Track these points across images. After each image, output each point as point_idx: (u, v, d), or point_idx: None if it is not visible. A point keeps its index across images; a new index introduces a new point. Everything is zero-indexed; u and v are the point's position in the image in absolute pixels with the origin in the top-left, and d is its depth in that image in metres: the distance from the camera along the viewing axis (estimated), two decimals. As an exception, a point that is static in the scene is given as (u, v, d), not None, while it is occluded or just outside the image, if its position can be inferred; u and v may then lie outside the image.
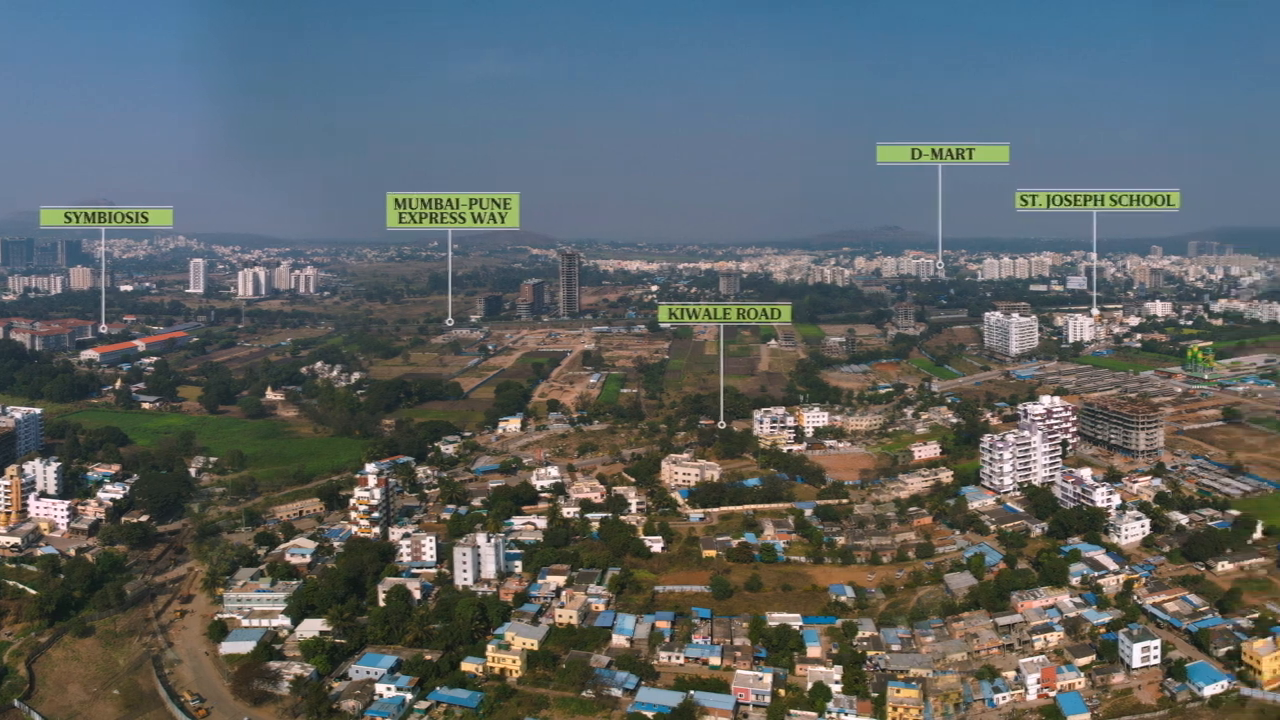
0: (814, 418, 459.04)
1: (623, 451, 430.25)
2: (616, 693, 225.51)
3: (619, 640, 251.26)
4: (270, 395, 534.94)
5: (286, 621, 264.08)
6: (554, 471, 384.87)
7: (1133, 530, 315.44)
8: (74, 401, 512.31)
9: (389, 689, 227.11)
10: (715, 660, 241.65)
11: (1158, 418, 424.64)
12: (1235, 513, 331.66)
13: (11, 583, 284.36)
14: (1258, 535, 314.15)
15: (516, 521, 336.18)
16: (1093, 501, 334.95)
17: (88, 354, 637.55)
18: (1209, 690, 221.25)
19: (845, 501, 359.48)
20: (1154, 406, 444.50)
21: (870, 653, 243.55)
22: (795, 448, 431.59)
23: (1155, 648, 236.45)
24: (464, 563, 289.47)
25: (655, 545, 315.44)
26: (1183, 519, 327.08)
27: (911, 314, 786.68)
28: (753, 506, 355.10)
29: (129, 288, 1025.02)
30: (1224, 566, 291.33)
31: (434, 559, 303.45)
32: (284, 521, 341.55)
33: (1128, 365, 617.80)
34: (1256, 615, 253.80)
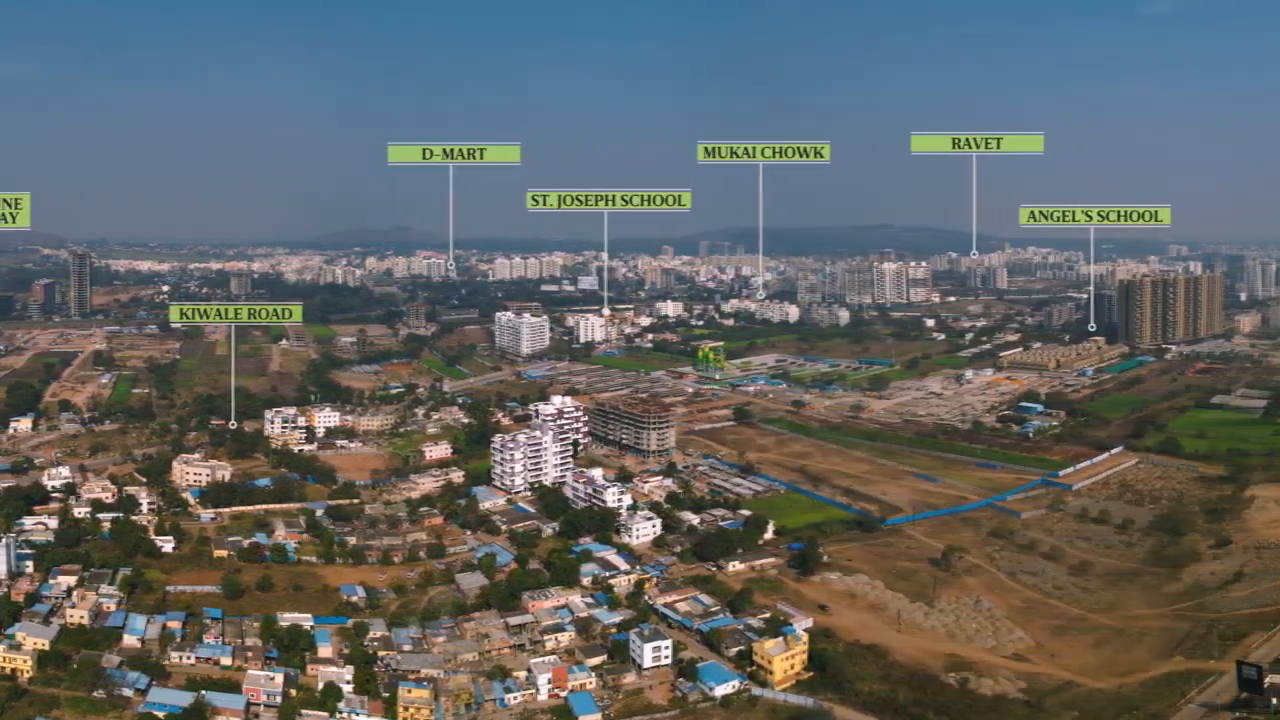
0: (325, 418, 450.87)
1: (134, 451, 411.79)
2: (128, 692, 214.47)
3: (130, 640, 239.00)
4: None
5: None
6: (65, 471, 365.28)
7: (644, 530, 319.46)
8: None
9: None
10: (227, 660, 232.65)
11: (669, 418, 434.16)
12: (746, 513, 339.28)
13: None
14: (768, 535, 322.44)
15: (28, 521, 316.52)
16: (604, 502, 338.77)
17: None
18: (720, 690, 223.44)
19: (357, 501, 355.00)
20: (665, 406, 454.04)
21: (382, 653, 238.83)
22: (307, 448, 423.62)
23: (666, 648, 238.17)
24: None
25: (166, 545, 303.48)
26: (694, 519, 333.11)
27: (423, 314, 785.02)
28: (264, 506, 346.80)
29: None
30: (735, 567, 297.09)
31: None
32: None
33: (639, 365, 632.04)
34: (767, 615, 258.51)
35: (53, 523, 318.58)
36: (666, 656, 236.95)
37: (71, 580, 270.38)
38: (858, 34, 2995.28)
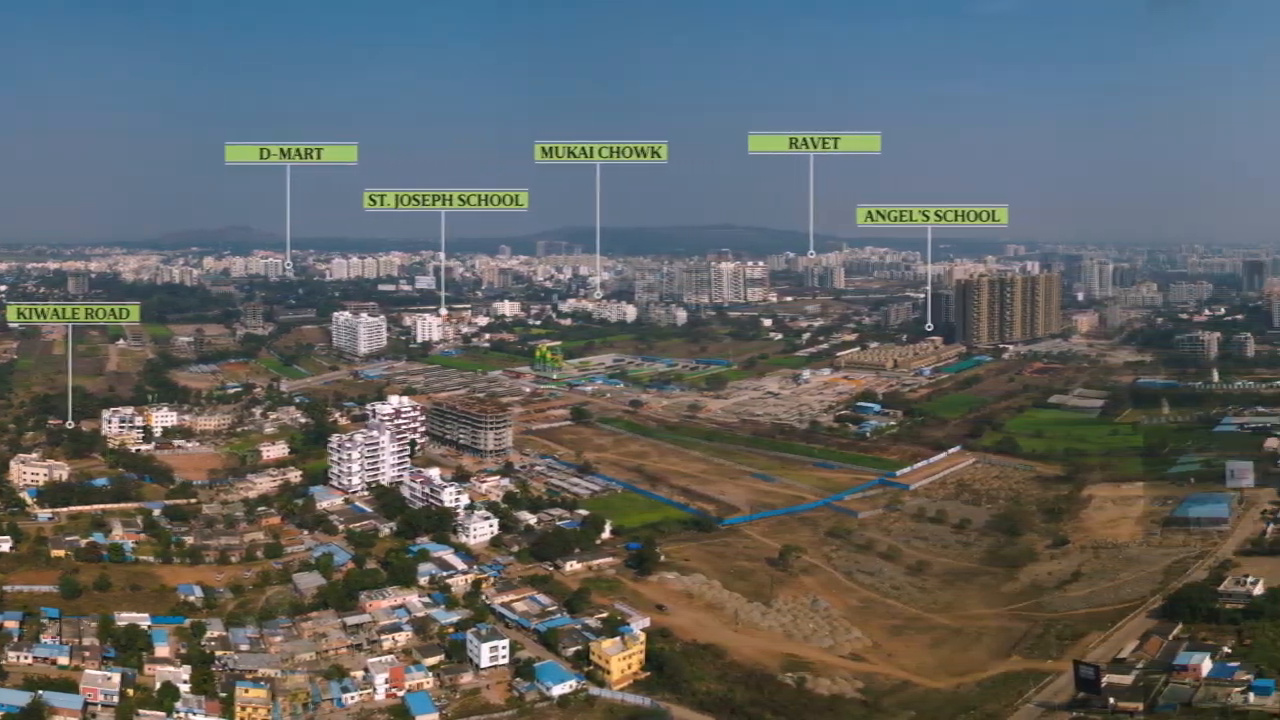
0: (163, 417, 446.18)
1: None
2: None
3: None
4: None
5: None
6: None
7: (481, 530, 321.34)
8: None
9: None
10: (64, 660, 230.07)
11: (506, 417, 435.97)
12: (584, 512, 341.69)
13: None
14: (606, 535, 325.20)
15: None
16: (441, 501, 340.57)
17: None
18: (557, 690, 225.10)
19: (194, 501, 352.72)
20: (503, 406, 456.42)
21: (219, 652, 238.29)
22: (144, 447, 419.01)
23: (504, 647, 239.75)
24: None
25: (4, 545, 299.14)
26: (531, 519, 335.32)
27: (260, 314, 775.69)
28: (102, 506, 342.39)
29: None
30: (573, 566, 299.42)
31: None
32: None
33: (477, 365, 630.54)
34: (605, 615, 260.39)
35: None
36: (504, 656, 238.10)
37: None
38: (697, 35, 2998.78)
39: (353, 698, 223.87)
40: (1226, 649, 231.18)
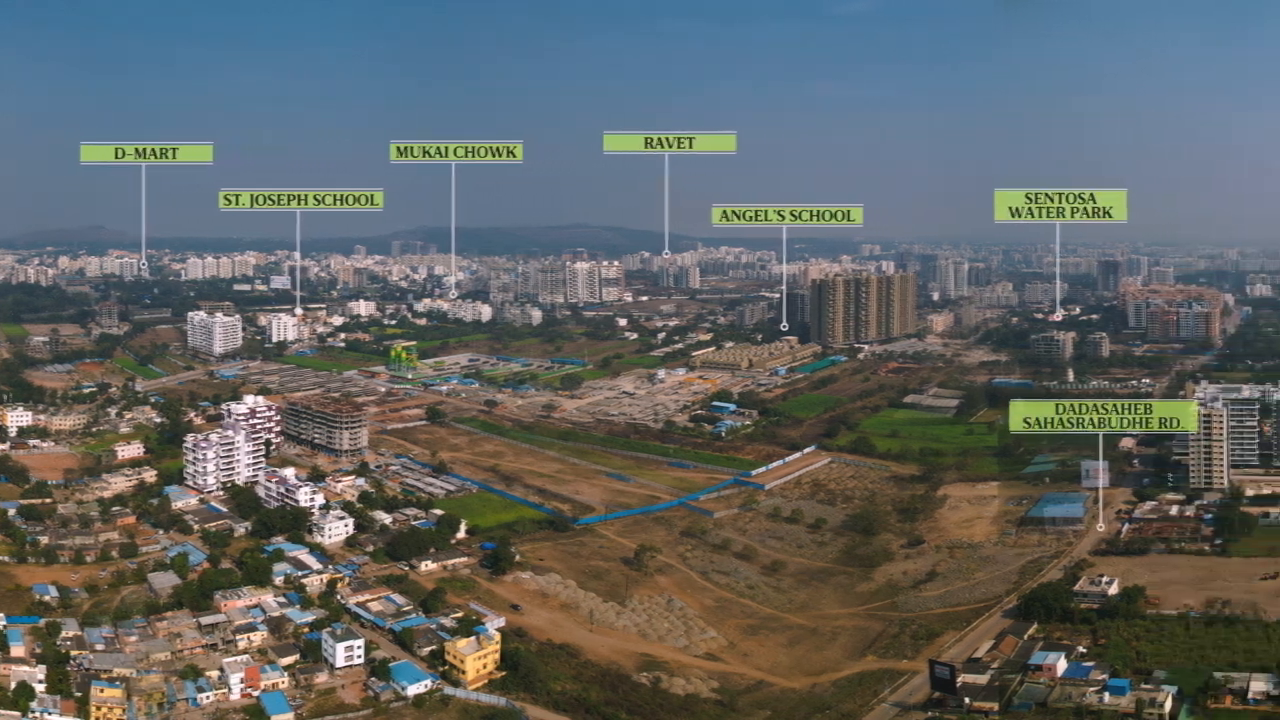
0: (18, 417, 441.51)
1: None
2: None
3: None
4: None
5: None
6: None
7: (336, 530, 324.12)
8: None
9: None
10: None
11: (361, 417, 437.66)
12: (439, 512, 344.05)
13: None
14: (461, 535, 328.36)
15: None
16: (296, 501, 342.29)
17: None
18: (413, 690, 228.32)
19: (49, 501, 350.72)
20: (358, 406, 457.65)
21: (74, 652, 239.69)
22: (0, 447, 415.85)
23: (359, 647, 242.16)
24: None
25: None
26: (387, 519, 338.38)
27: (115, 313, 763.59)
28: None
29: None
30: (428, 566, 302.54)
31: None
32: None
33: (332, 365, 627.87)
34: (460, 615, 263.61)
35: None
36: (359, 656, 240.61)
37: None
38: (554, 34, 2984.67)
39: (208, 697, 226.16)
40: (1081, 649, 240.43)
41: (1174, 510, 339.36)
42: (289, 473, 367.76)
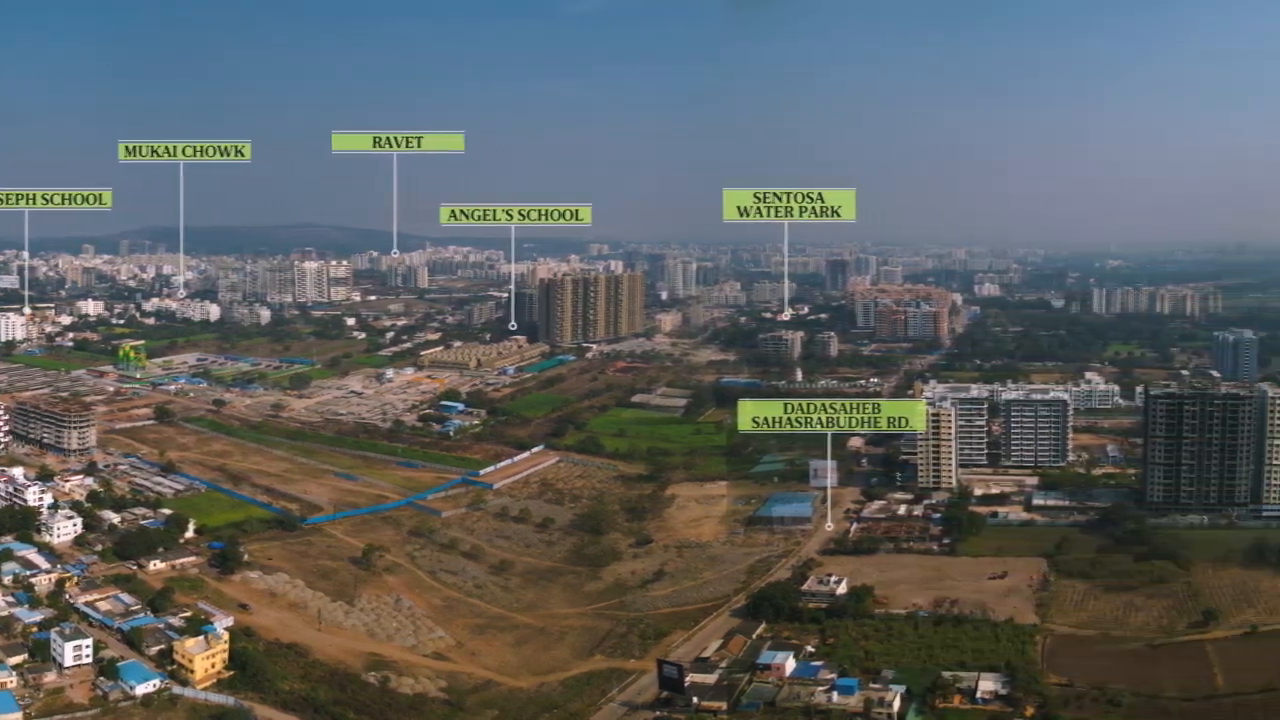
0: None
1: None
2: None
3: None
4: None
5: None
6: None
7: (65, 529, 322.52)
8: None
9: None
10: None
11: (90, 416, 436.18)
12: (168, 511, 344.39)
13: None
14: (190, 534, 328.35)
15: None
16: (25, 500, 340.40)
17: None
18: (141, 689, 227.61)
19: None
20: (86, 405, 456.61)
21: None
22: None
23: (87, 646, 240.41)
24: None
25: None
26: (115, 518, 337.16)
27: None
28: None
29: None
30: (156, 565, 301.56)
31: None
32: None
33: (60, 364, 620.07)
34: (189, 614, 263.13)
35: None
36: (88, 655, 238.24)
37: None
38: (282, 35, 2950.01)
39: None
40: (810, 648, 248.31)
41: (902, 510, 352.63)
42: (17, 472, 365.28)
